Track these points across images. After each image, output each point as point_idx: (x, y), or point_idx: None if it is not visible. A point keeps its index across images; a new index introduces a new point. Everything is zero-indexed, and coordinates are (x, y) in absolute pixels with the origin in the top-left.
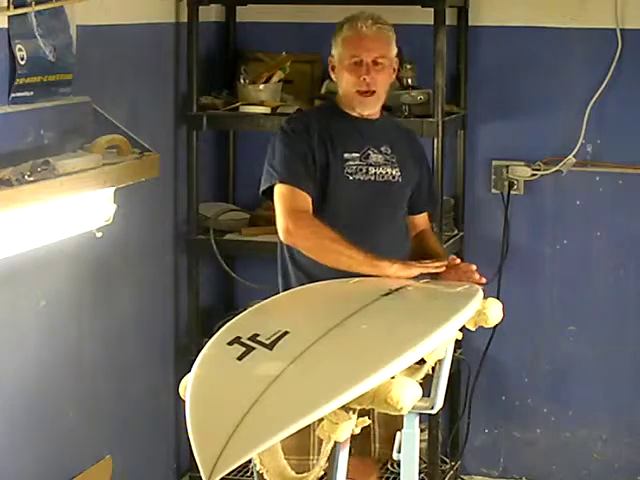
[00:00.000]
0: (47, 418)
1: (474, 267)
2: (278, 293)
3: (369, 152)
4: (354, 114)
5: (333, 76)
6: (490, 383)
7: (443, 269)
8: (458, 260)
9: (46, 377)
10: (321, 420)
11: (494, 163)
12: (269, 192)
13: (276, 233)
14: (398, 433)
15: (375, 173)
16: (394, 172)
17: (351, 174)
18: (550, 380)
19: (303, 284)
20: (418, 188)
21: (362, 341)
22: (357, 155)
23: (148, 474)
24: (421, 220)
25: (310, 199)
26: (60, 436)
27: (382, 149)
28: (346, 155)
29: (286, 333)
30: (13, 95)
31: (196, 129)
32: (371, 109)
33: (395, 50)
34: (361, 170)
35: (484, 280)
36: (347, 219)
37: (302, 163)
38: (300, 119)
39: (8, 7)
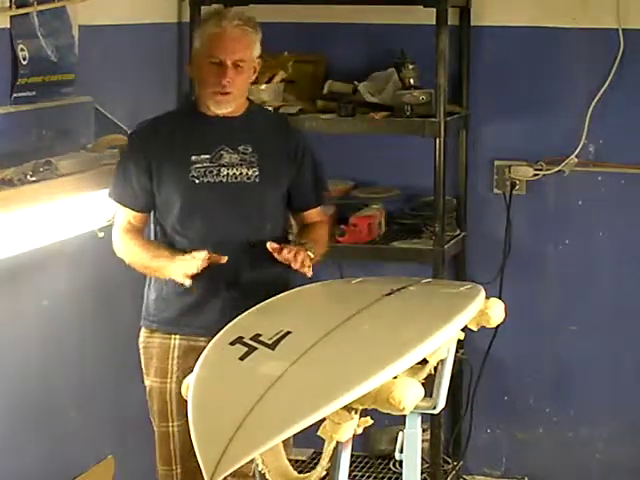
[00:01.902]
0: (49, 418)
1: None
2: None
3: (222, 152)
4: (209, 113)
5: (189, 70)
6: (492, 383)
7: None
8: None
9: (48, 377)
10: (323, 420)
11: (496, 163)
12: None
13: None
14: (400, 433)
15: (227, 174)
16: (250, 172)
17: (197, 177)
18: (552, 380)
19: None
20: (298, 186)
21: (364, 341)
22: (207, 157)
23: (150, 474)
24: (312, 215)
25: (138, 215)
26: (62, 436)
27: (240, 148)
28: (193, 157)
29: (288, 333)
30: (15, 95)
31: None
32: (226, 108)
33: (258, 51)
34: (211, 172)
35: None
36: (197, 223)
37: (129, 179)
38: (141, 130)
39: (10, 7)
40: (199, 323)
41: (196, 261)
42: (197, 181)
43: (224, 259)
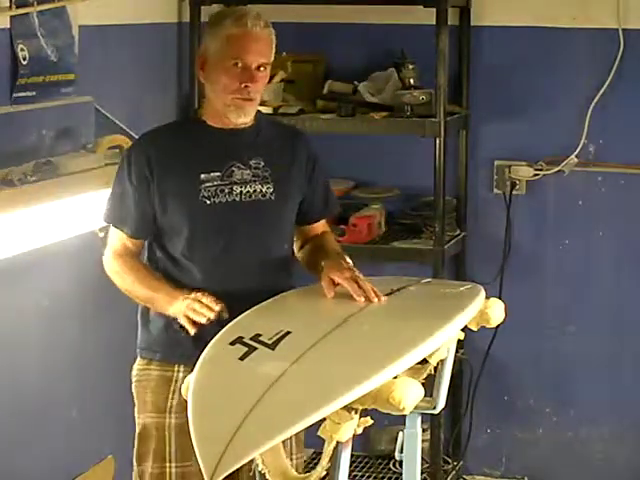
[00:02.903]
0: (49, 418)
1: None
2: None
3: (233, 169)
4: (218, 126)
5: (201, 75)
6: (492, 383)
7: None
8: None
9: (48, 377)
10: (323, 420)
11: (496, 163)
12: None
13: None
14: (400, 433)
15: (240, 192)
16: (264, 189)
17: (209, 197)
18: (552, 380)
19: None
20: (309, 198)
21: (364, 341)
22: (218, 174)
23: None
24: (319, 227)
25: (135, 242)
26: (62, 436)
27: (251, 163)
28: (203, 176)
29: (288, 333)
30: (15, 95)
31: None
32: (247, 116)
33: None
34: (222, 191)
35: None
36: (209, 248)
37: (128, 201)
38: (143, 147)
39: (10, 7)
40: None
41: (208, 311)
42: (208, 202)
43: (226, 315)
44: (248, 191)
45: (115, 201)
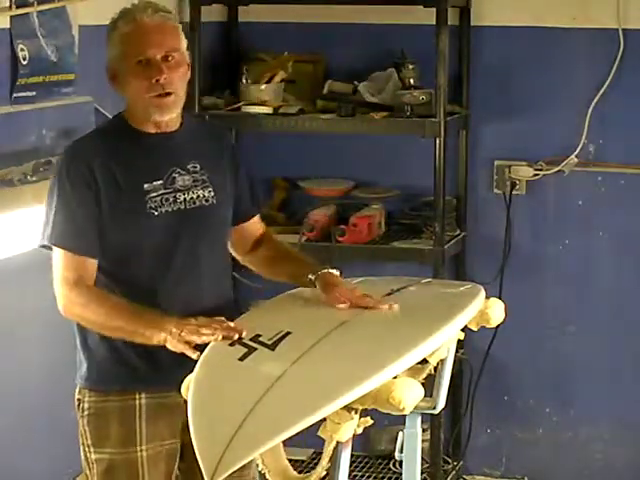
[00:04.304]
0: (50, 417)
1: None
2: (281, 293)
3: (174, 175)
4: (149, 131)
5: (115, 87)
6: (492, 383)
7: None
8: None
9: (48, 377)
10: (323, 420)
11: (496, 163)
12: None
13: (281, 232)
14: (400, 433)
15: (185, 200)
16: (206, 193)
17: (156, 208)
18: (552, 380)
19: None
20: (238, 194)
21: (364, 341)
22: (160, 183)
23: None
24: (255, 225)
25: (93, 262)
26: (62, 436)
27: (189, 167)
28: (146, 186)
29: (288, 334)
30: (15, 95)
31: None
32: (171, 113)
33: (186, 42)
34: (167, 200)
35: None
36: (159, 263)
37: (81, 220)
38: (80, 155)
39: (10, 7)
40: (173, 375)
41: (216, 330)
42: (156, 212)
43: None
44: (192, 197)
45: (61, 220)
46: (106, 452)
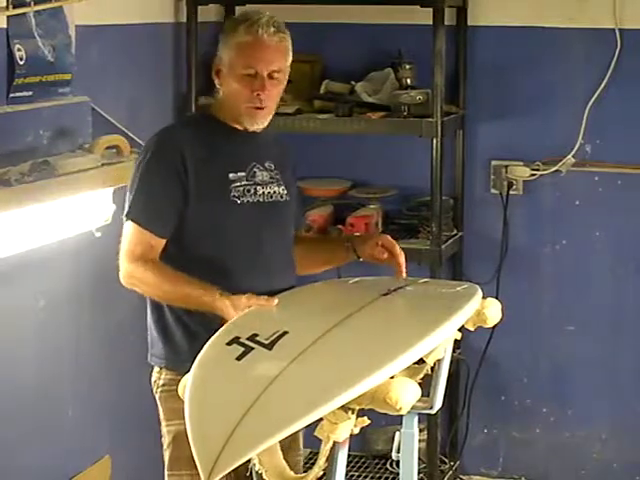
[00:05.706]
0: (46, 418)
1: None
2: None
3: (255, 170)
4: (238, 127)
5: (217, 81)
6: (489, 383)
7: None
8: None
9: (45, 377)
10: (320, 420)
11: (493, 163)
12: None
13: None
14: (397, 433)
15: (263, 193)
16: (281, 190)
17: (239, 197)
18: (549, 380)
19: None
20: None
21: (361, 341)
22: (243, 174)
23: (147, 474)
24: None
25: (161, 241)
26: (58, 436)
27: (266, 165)
28: (231, 175)
29: (285, 333)
30: (12, 95)
31: None
32: (261, 125)
33: (291, 58)
34: (249, 191)
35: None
36: (243, 247)
37: (159, 198)
38: (175, 141)
39: (7, 7)
40: None
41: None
42: (239, 201)
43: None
44: (269, 192)
45: (142, 198)
46: (174, 423)
